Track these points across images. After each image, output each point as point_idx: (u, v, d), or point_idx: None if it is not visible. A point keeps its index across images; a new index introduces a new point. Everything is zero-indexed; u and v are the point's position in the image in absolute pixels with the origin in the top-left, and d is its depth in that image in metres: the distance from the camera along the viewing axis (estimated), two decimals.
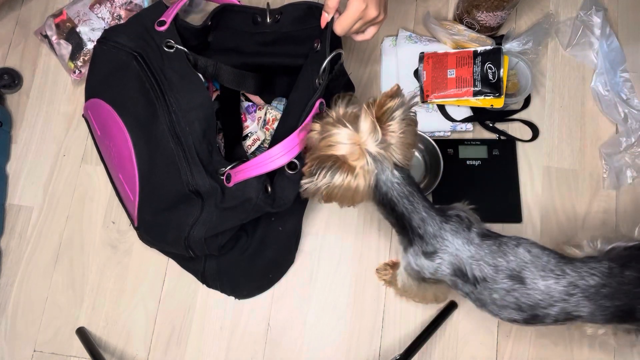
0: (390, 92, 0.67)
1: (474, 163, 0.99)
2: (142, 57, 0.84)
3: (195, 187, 0.78)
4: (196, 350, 0.94)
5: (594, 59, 1.04)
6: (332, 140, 0.66)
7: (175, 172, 0.79)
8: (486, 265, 0.70)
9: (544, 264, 0.69)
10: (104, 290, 0.97)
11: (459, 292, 0.75)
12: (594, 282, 0.68)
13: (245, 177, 0.75)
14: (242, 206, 0.76)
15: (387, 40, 1.06)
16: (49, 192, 1.02)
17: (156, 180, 0.83)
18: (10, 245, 1.00)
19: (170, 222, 0.83)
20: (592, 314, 0.69)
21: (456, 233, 0.70)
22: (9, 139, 1.05)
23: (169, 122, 0.80)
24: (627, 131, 0.99)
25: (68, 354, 0.95)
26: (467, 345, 0.92)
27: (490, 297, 0.71)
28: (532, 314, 0.70)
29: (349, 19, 0.76)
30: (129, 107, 0.84)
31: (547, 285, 0.68)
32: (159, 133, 0.80)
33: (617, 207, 0.98)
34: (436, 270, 0.72)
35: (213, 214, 0.79)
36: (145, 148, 0.83)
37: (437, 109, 1.01)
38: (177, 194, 0.80)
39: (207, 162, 0.79)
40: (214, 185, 0.78)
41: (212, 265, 0.92)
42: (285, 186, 0.75)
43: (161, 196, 0.83)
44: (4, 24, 1.12)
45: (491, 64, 0.96)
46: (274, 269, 0.95)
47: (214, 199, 0.78)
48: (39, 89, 1.08)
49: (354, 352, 0.93)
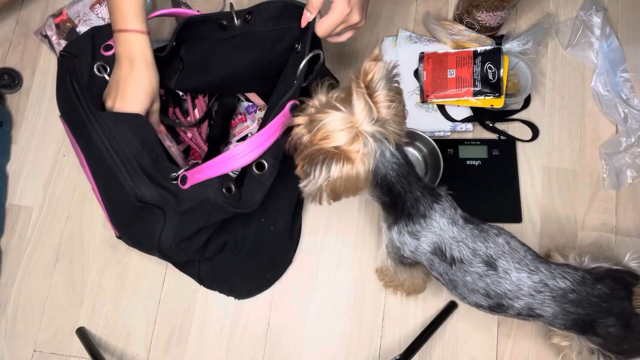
0: (372, 57, 0.65)
1: (474, 163, 0.99)
2: (72, 68, 0.79)
3: (143, 198, 0.74)
4: (196, 350, 0.94)
5: (594, 59, 1.04)
6: (327, 130, 0.62)
7: (120, 187, 0.75)
8: (465, 248, 0.70)
9: (520, 257, 0.70)
10: (104, 290, 0.97)
11: (433, 272, 0.75)
12: (564, 285, 0.69)
13: (205, 177, 0.71)
14: (200, 207, 0.73)
15: (387, 40, 1.06)
16: (49, 192, 1.02)
17: (110, 195, 0.80)
18: (10, 245, 1.00)
19: (140, 232, 0.80)
20: (554, 316, 0.70)
21: (443, 213, 0.71)
22: (9, 139, 1.05)
23: (102, 136, 0.75)
24: (627, 131, 0.99)
25: (68, 354, 0.95)
26: (467, 345, 0.92)
27: (463, 279, 0.72)
28: (498, 302, 0.71)
29: (333, 21, 0.75)
30: (73, 121, 0.80)
31: (519, 278, 0.69)
32: (95, 149, 0.76)
33: (617, 207, 0.98)
34: (416, 248, 0.72)
35: (174, 219, 0.75)
36: (93, 163, 0.80)
37: (437, 109, 1.01)
38: (132, 206, 0.76)
39: (154, 169, 0.75)
40: (162, 193, 0.74)
41: (207, 268, 0.91)
42: (252, 187, 0.73)
43: (121, 209, 0.80)
44: (4, 24, 1.12)
45: (491, 64, 0.96)
46: (271, 269, 0.95)
47: (169, 205, 0.75)
48: (39, 89, 1.08)
49: (354, 352, 0.93)
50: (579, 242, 0.96)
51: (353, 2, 0.75)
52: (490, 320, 0.93)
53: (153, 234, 0.76)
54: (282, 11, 0.81)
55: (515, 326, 0.93)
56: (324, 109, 0.64)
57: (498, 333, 0.93)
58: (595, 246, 0.96)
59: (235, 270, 0.92)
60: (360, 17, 0.77)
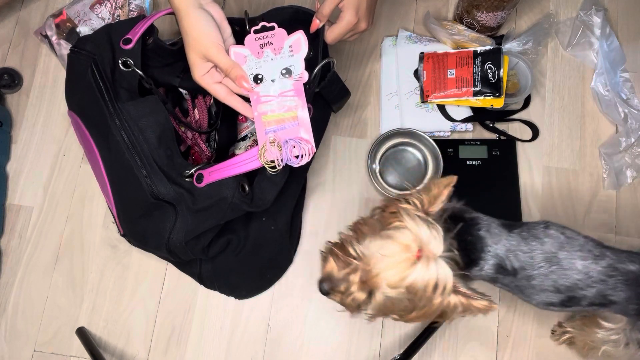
0: (446, 182, 0.63)
1: (474, 163, 0.99)
2: (95, 63, 0.80)
3: (159, 195, 0.76)
4: (196, 350, 0.94)
5: (594, 58, 1.04)
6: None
7: (137, 183, 0.76)
8: (522, 254, 0.68)
9: (581, 245, 0.68)
10: (104, 290, 0.97)
11: (497, 285, 0.73)
12: (634, 269, 0.66)
13: (221, 177, 0.73)
14: (217, 206, 0.74)
15: (387, 40, 1.06)
16: (49, 192, 1.02)
17: (124, 191, 0.81)
18: (10, 245, 1.00)
19: (148, 230, 0.81)
20: (628, 300, 0.67)
21: (489, 233, 0.69)
22: (9, 139, 1.05)
23: (122, 131, 0.76)
24: (627, 131, 0.99)
25: (68, 354, 0.95)
26: (467, 345, 0.92)
27: (529, 283, 0.69)
28: (570, 295, 0.69)
29: (342, 31, 0.80)
30: (90, 116, 0.82)
31: (586, 266, 0.67)
32: (114, 143, 0.77)
33: (617, 207, 0.98)
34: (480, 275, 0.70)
35: (187, 217, 0.77)
36: (109, 158, 0.81)
37: (437, 109, 1.01)
38: (146, 202, 0.78)
39: (169, 167, 0.77)
40: (178, 191, 0.75)
41: (208, 267, 0.92)
42: (264, 187, 0.75)
43: (133, 205, 0.81)
44: (4, 24, 1.12)
45: (491, 64, 0.96)
46: (271, 269, 0.95)
47: (184, 203, 0.76)
48: (39, 89, 1.08)
49: (354, 352, 0.93)
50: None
51: (361, 13, 0.79)
52: (490, 320, 0.93)
53: (163, 231, 0.78)
54: (293, 16, 0.83)
55: (515, 326, 0.93)
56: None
57: (498, 333, 0.93)
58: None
59: (236, 270, 0.92)
60: (367, 25, 0.82)
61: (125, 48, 0.80)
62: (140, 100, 0.78)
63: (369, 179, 0.98)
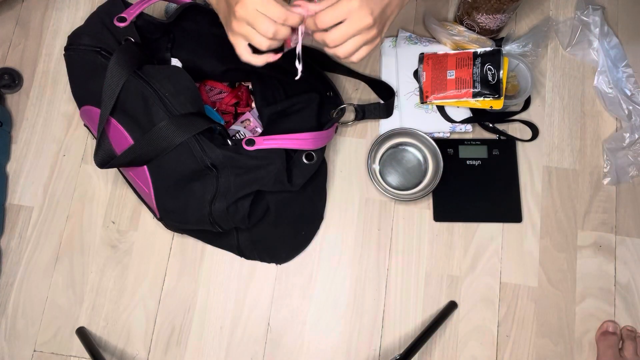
0: None
1: (474, 163, 0.99)
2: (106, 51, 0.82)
3: (210, 160, 0.79)
4: (196, 350, 0.94)
5: (595, 57, 1.04)
6: None
7: (188, 152, 0.79)
8: None
9: None
10: (104, 290, 0.97)
11: None
12: None
13: (273, 145, 0.81)
14: (265, 168, 0.81)
15: (386, 41, 1.06)
16: (49, 192, 1.02)
17: (166, 166, 0.82)
18: (10, 245, 1.00)
19: (189, 203, 0.84)
20: None
21: None
22: (9, 139, 1.05)
23: (164, 107, 0.79)
24: (630, 127, 0.98)
25: (68, 354, 0.94)
26: (467, 345, 0.93)
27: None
28: None
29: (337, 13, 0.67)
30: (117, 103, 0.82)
31: None
32: (158, 119, 0.79)
33: (617, 207, 0.98)
34: None
35: (230, 182, 0.81)
36: (145, 137, 0.82)
37: (436, 110, 1.01)
38: (190, 173, 0.81)
39: (209, 136, 0.81)
40: (226, 154, 0.79)
41: (245, 236, 0.93)
42: (297, 173, 0.85)
43: (174, 180, 0.83)
44: (4, 24, 1.12)
45: (491, 66, 0.96)
46: (304, 225, 0.96)
47: (228, 167, 0.80)
48: (39, 89, 1.08)
49: (354, 352, 0.93)
50: (579, 242, 0.96)
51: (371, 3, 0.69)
52: (490, 320, 0.93)
53: (204, 202, 0.83)
54: None
55: (515, 326, 0.93)
56: None
57: (498, 333, 0.93)
58: (595, 246, 0.96)
59: (271, 235, 0.94)
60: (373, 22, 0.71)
61: (120, 25, 0.82)
62: (169, 74, 0.81)
63: (369, 179, 0.98)
